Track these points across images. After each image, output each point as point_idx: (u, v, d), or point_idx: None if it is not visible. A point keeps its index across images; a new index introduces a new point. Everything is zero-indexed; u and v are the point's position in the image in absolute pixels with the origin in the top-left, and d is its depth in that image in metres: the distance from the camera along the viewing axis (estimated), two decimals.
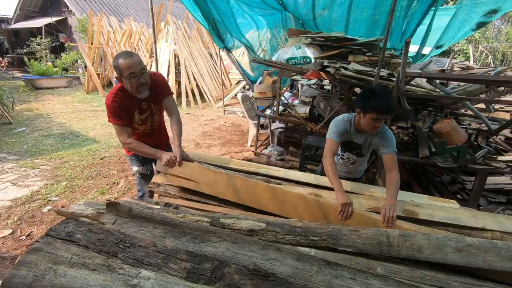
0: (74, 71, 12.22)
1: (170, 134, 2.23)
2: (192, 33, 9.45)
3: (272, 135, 4.73)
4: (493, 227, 1.49)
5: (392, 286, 1.12)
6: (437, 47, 4.05)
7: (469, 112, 3.38)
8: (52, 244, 1.18)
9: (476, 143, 2.84)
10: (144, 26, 10.93)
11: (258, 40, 6.54)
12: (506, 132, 4.17)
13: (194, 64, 8.63)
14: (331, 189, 1.86)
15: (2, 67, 13.82)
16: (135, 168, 2.20)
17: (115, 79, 10.15)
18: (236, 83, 9.58)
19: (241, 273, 1.10)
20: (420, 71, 2.66)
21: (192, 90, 8.42)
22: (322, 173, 1.95)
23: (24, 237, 2.55)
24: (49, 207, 3.01)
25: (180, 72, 8.55)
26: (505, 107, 4.38)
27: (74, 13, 12.80)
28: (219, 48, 7.15)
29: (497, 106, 4.28)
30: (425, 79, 3.02)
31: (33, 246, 1.16)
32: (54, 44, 13.13)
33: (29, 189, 3.37)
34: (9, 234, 2.57)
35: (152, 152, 1.94)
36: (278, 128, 4.83)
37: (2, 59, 14.36)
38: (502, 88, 2.88)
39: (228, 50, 6.48)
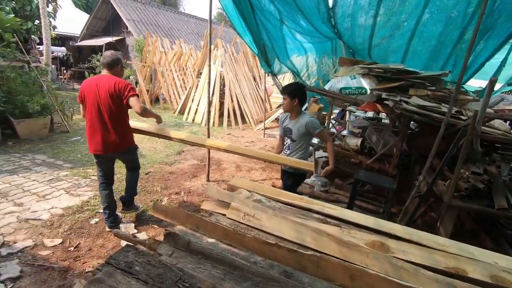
0: None
1: None
2: (239, 56, 9.78)
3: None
4: None
5: None
6: (509, 84, 3.70)
7: None
8: (113, 276, 1.13)
9: None
10: (193, 47, 11.54)
11: (305, 64, 6.51)
12: None
13: (238, 86, 8.84)
14: (397, 237, 1.69)
15: (65, 79, 15.32)
16: None
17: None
18: (277, 107, 9.60)
19: None
20: (502, 113, 2.40)
21: (234, 111, 8.57)
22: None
23: (72, 248, 2.60)
24: (97, 219, 3.08)
25: (224, 93, 8.79)
26: None
27: (132, 34, 13.96)
28: (264, 72, 7.27)
29: None
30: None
31: (95, 276, 1.12)
32: None
33: (80, 198, 3.50)
34: (59, 244, 2.64)
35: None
36: (323, 157, 4.64)
37: (66, 72, 15.95)
38: None
39: (274, 75, 6.55)
